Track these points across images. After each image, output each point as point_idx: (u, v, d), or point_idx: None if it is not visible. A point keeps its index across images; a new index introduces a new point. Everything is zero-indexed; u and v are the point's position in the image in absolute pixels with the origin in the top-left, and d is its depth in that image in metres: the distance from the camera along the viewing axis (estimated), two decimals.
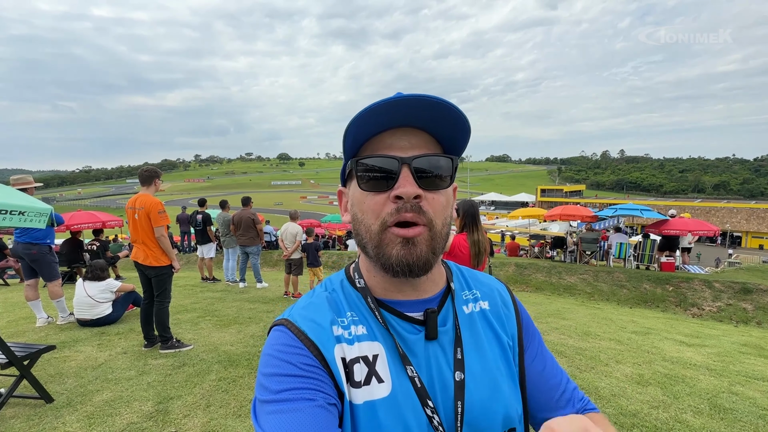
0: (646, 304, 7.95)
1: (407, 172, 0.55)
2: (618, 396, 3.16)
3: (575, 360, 4.00)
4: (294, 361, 0.54)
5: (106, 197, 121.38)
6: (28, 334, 4.48)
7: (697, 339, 5.20)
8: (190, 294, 6.83)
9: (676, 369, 3.87)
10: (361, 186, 0.58)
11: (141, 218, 3.67)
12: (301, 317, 0.60)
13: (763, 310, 7.05)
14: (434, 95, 0.53)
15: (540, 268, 9.95)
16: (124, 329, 4.60)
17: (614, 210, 11.30)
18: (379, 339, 0.59)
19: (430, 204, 0.56)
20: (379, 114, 0.54)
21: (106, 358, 3.70)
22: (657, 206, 31.85)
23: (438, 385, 0.58)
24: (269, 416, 0.50)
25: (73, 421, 2.61)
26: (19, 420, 2.62)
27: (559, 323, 5.68)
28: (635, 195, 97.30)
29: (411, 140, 0.57)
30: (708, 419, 2.84)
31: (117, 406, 2.80)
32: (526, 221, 21.71)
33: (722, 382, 3.57)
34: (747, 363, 4.19)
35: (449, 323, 0.63)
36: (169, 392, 3.04)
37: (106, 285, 4.77)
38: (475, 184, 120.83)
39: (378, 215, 0.56)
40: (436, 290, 0.65)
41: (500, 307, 0.70)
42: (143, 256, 3.73)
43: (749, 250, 33.41)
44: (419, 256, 0.55)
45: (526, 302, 7.56)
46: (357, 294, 0.64)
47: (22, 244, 4.47)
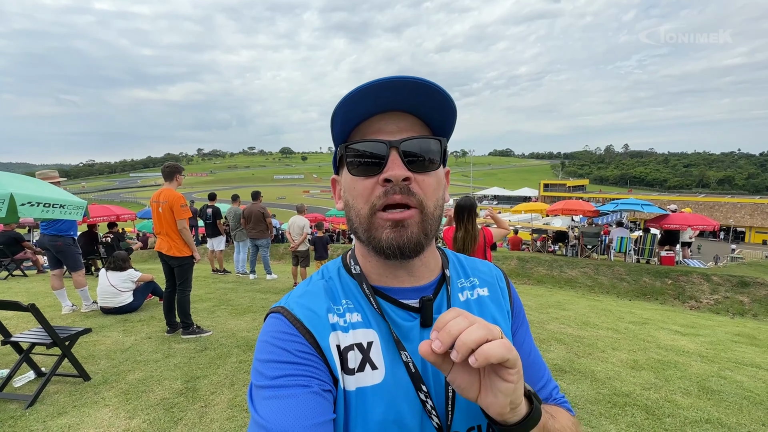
0: (645, 297, 8.15)
1: (396, 155, 0.56)
2: (613, 378, 3.38)
3: (574, 347, 4.22)
4: (289, 348, 0.55)
5: (111, 191, 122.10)
6: (55, 321, 4.72)
7: (692, 329, 5.40)
8: (203, 285, 7.09)
9: (669, 355, 4.08)
10: (351, 171, 0.59)
11: (165, 211, 3.90)
12: (297, 305, 0.60)
13: (759, 302, 7.25)
14: (419, 77, 0.53)
15: (542, 261, 10.15)
16: (145, 316, 4.86)
17: (615, 205, 11.46)
18: (374, 326, 0.60)
19: (420, 186, 0.57)
20: (365, 97, 0.55)
21: (133, 343, 3.95)
22: (660, 201, 31.92)
23: (431, 371, 0.59)
24: (265, 401, 0.51)
25: (111, 397, 2.86)
26: (62, 395, 2.87)
27: (560, 314, 5.89)
28: (639, 190, 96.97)
29: (399, 124, 0.58)
30: (696, 399, 3.05)
31: (149, 384, 3.05)
32: (528, 216, 21.87)
33: (712, 367, 3.78)
34: (738, 351, 4.40)
35: (444, 310, 0.63)
36: (195, 372, 3.28)
37: (128, 275, 5.02)
38: (478, 178, 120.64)
39: (367, 199, 0.57)
40: (432, 277, 0.66)
41: (499, 292, 0.70)
42: (167, 247, 3.96)
43: (752, 245, 33.44)
44: (410, 238, 0.56)
45: (528, 294, 7.78)
46: (353, 281, 0.64)
47: (48, 236, 4.71)
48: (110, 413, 2.64)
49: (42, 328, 2.92)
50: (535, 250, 13.75)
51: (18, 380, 3.07)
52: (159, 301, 5.37)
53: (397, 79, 0.53)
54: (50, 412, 2.63)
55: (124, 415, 2.62)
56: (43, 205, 2.65)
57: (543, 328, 4.93)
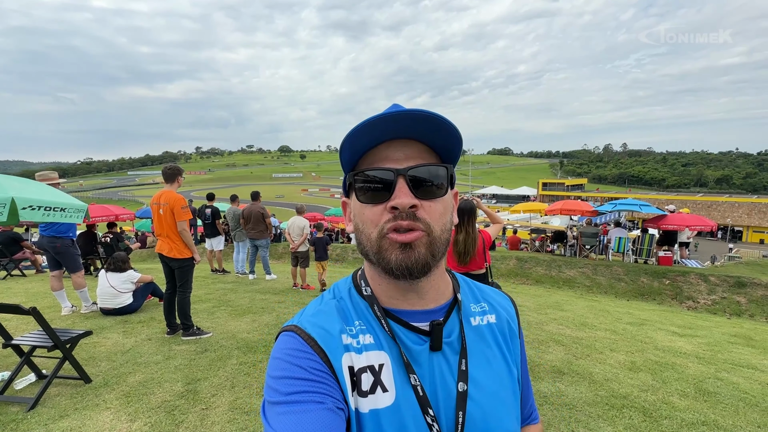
0: (643, 297, 8.19)
1: (402, 183, 0.58)
2: (610, 380, 3.41)
3: (572, 348, 4.25)
4: (304, 365, 0.56)
5: (108, 189, 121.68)
6: (55, 322, 4.73)
7: (690, 330, 5.44)
8: (202, 285, 7.09)
9: (666, 357, 4.11)
10: (360, 198, 0.61)
11: (165, 213, 3.90)
12: (310, 324, 0.61)
13: (756, 303, 7.29)
14: (425, 110, 0.56)
15: (540, 261, 10.18)
16: (145, 318, 4.87)
17: (614, 205, 11.51)
18: (386, 348, 0.61)
19: (426, 212, 0.58)
20: (373, 129, 0.57)
21: (133, 344, 3.96)
22: (658, 200, 31.99)
23: (441, 395, 0.59)
24: (279, 417, 0.52)
25: (112, 399, 2.87)
26: (63, 398, 2.88)
27: (558, 314, 5.92)
28: (637, 189, 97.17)
29: (406, 151, 0.60)
30: (693, 401, 3.08)
31: (150, 386, 3.06)
32: (527, 215, 21.90)
33: (709, 368, 3.81)
34: (735, 352, 4.44)
35: (455, 334, 0.64)
36: (195, 374, 3.29)
37: (128, 276, 5.02)
38: (477, 177, 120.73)
39: (376, 224, 0.59)
40: (442, 301, 0.66)
41: (506, 322, 0.72)
42: (167, 249, 3.96)
43: (750, 245, 33.55)
44: (417, 259, 0.57)
45: (526, 294, 7.81)
46: (364, 302, 0.65)
47: (47, 237, 4.70)
48: (111, 416, 2.65)
49: (43, 331, 2.93)
50: (533, 250, 13.77)
51: (19, 383, 3.08)
52: (159, 302, 5.37)
53: (403, 112, 0.55)
54: (52, 415, 2.64)
55: (126, 417, 2.64)
56: (44, 209, 2.65)
57: (542, 330, 4.96)
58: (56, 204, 2.74)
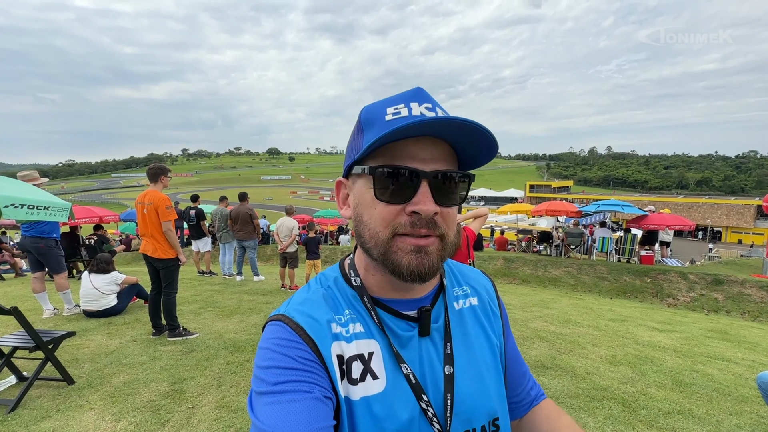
0: (626, 295, 8.39)
1: (426, 187, 0.55)
2: (592, 374, 3.51)
3: (556, 344, 4.34)
4: (291, 354, 0.55)
5: (91, 192, 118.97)
6: (36, 325, 4.56)
7: (669, 325, 5.61)
8: (189, 287, 7.01)
9: (646, 351, 4.24)
10: (376, 194, 0.56)
11: (150, 213, 3.87)
12: (298, 313, 0.60)
13: (733, 299, 7.54)
14: (479, 123, 0.52)
15: (527, 261, 10.35)
16: (130, 319, 4.80)
17: (597, 206, 11.76)
18: (375, 337, 0.61)
19: (443, 218, 0.57)
20: (415, 128, 0.52)
21: (117, 346, 3.91)
22: (641, 202, 32.72)
23: (429, 379, 0.60)
24: (265, 407, 0.51)
25: (96, 400, 2.84)
26: (45, 399, 2.83)
27: (543, 312, 6.04)
28: (621, 191, 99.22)
29: (433, 152, 0.56)
30: (669, 392, 3.20)
31: (135, 387, 3.03)
32: (514, 216, 22.19)
33: (686, 361, 3.95)
34: (711, 346, 4.60)
35: (441, 319, 0.65)
36: (182, 374, 3.27)
37: (112, 277, 4.95)
38: None
39: (388, 224, 0.56)
40: (430, 288, 0.67)
41: (487, 303, 0.73)
42: (152, 249, 3.93)
43: (728, 245, 34.56)
44: (431, 266, 0.56)
45: (513, 293, 7.94)
46: (352, 292, 0.65)
47: (30, 237, 4.61)
48: (95, 416, 2.62)
49: (24, 331, 2.88)
50: (520, 250, 13.97)
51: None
52: (144, 304, 5.31)
53: (461, 121, 0.51)
54: (33, 417, 2.60)
55: (110, 417, 2.61)
56: (28, 207, 2.62)
57: (527, 327, 5.05)
58: (40, 202, 2.71)
